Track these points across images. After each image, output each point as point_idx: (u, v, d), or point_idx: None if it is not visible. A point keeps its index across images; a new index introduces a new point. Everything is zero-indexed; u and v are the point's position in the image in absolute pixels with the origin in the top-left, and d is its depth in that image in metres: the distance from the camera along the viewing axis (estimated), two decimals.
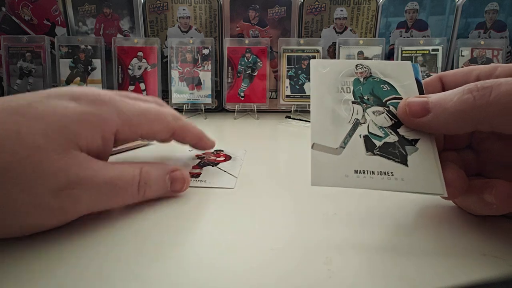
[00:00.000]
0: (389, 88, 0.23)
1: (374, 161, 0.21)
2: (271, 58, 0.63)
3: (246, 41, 0.61)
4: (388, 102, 0.23)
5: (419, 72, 0.24)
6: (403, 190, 0.20)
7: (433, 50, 0.60)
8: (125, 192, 0.23)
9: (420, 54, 0.60)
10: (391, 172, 0.20)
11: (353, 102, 0.23)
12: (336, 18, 0.63)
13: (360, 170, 0.20)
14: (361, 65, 0.25)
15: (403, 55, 0.60)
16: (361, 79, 0.24)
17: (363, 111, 0.23)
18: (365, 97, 0.23)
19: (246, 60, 0.61)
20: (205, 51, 0.61)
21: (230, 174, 0.30)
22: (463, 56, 0.61)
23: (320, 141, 0.21)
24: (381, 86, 0.24)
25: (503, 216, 0.22)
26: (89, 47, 0.62)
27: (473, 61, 0.61)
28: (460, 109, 0.19)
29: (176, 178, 0.26)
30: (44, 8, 0.63)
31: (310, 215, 0.23)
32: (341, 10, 0.63)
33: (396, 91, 0.23)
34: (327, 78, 0.24)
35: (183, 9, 0.63)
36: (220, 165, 0.33)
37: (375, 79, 0.24)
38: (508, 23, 0.62)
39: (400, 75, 0.24)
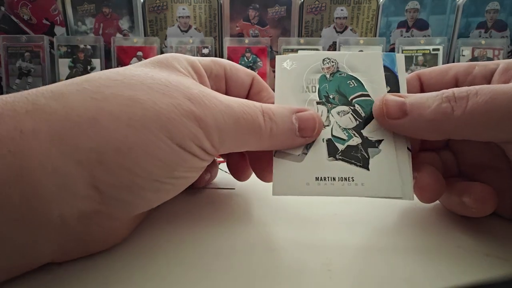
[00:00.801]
0: (356, 85, 0.22)
1: (335, 167, 0.20)
2: (271, 58, 0.63)
3: (246, 41, 0.61)
4: (354, 100, 0.22)
5: (395, 63, 0.22)
6: (363, 195, 0.19)
7: (433, 49, 0.60)
8: (255, 120, 0.19)
9: (421, 54, 0.60)
10: (352, 178, 0.20)
11: (317, 103, 0.22)
12: (336, 18, 0.63)
13: (321, 177, 0.20)
14: (329, 59, 0.23)
15: (404, 54, 0.60)
16: (328, 76, 0.23)
17: (328, 112, 0.21)
18: (331, 96, 0.22)
19: (246, 60, 0.61)
20: (205, 51, 0.61)
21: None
22: (464, 55, 0.61)
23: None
24: (347, 82, 0.22)
25: (504, 218, 0.22)
26: (88, 47, 0.62)
27: (474, 60, 0.61)
28: (437, 118, 0.18)
29: (304, 118, 0.20)
30: (43, 8, 0.62)
31: (310, 215, 0.23)
32: (342, 10, 0.62)
33: (363, 87, 0.22)
34: (292, 76, 0.23)
35: (183, 9, 0.62)
36: (222, 165, 0.32)
37: (342, 75, 0.23)
38: (509, 23, 0.62)
39: (369, 69, 0.23)
